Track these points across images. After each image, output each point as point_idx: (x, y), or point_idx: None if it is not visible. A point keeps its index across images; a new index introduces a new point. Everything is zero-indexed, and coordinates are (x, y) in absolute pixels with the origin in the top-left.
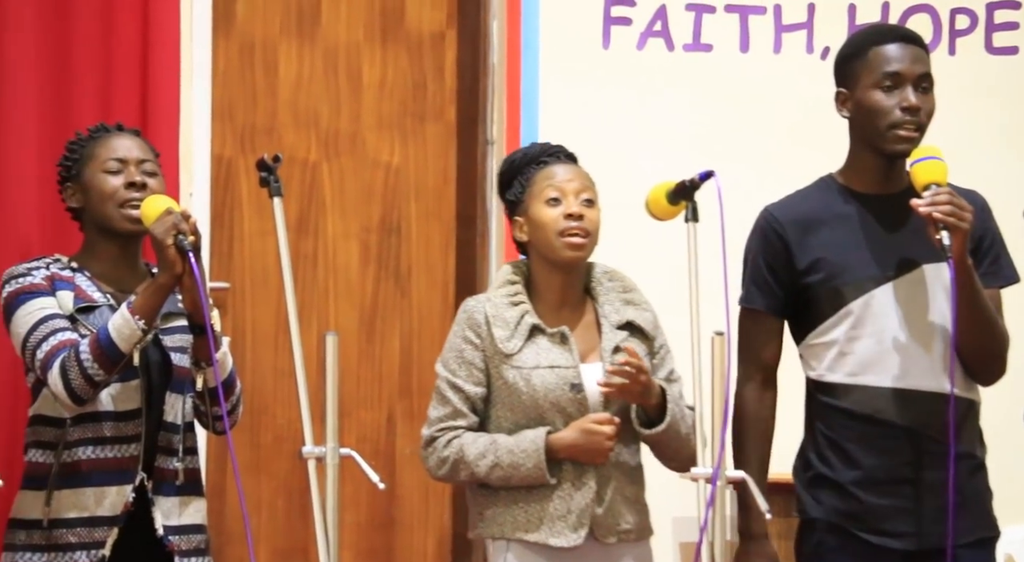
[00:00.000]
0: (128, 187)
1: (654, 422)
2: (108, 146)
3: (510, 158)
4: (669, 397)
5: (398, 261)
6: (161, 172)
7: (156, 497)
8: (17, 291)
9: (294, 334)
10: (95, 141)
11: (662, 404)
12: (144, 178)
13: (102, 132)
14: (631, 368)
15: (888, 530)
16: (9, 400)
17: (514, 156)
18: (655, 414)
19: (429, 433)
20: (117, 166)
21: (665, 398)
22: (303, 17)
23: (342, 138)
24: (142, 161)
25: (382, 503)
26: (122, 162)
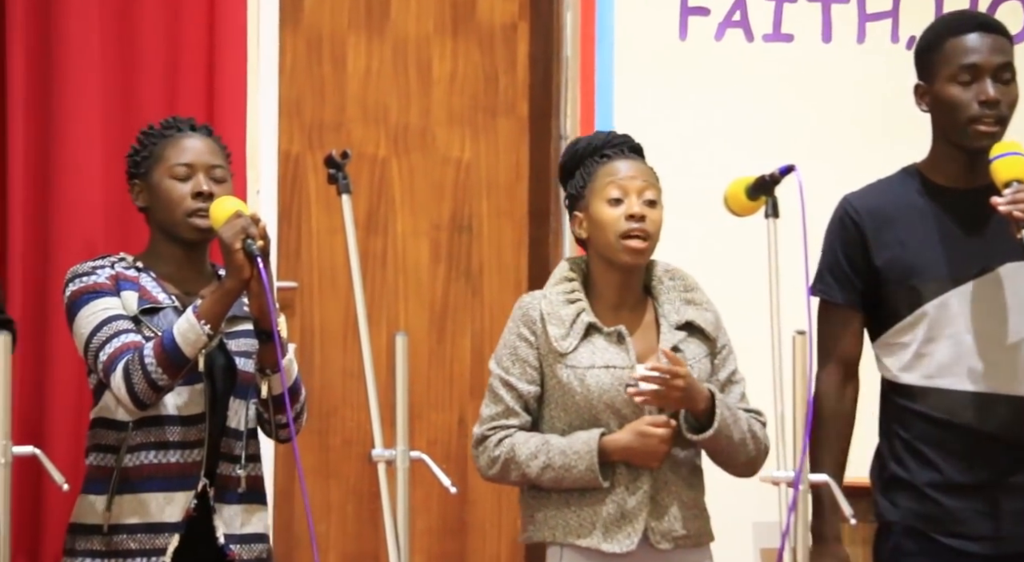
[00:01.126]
0: (195, 197)
1: (703, 427)
2: (178, 148)
3: (572, 146)
4: (719, 401)
5: (469, 259)
6: (231, 175)
7: (218, 504)
8: (81, 290)
9: (363, 334)
10: (165, 140)
11: (712, 408)
12: (212, 186)
13: (173, 130)
14: (663, 374)
15: (967, 533)
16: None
17: (577, 144)
18: (704, 419)
19: (480, 431)
20: (185, 172)
21: (715, 403)
22: (372, 10)
23: (412, 133)
24: (212, 167)
25: (454, 508)
26: (191, 167)
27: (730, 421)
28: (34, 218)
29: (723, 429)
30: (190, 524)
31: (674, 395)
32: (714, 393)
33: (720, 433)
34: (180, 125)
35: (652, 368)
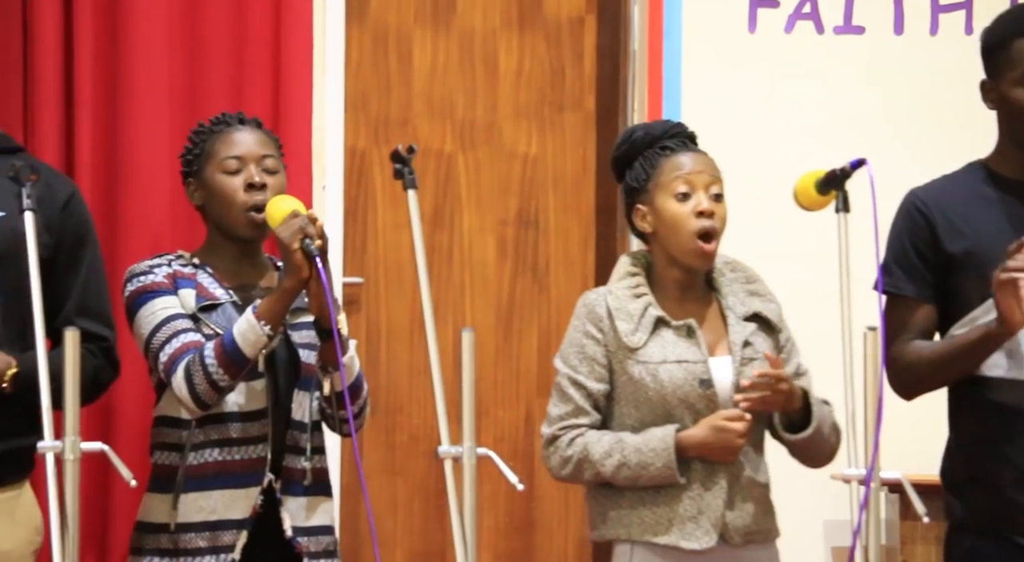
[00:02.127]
0: (248, 189)
1: (798, 426)
2: (228, 142)
3: (629, 135)
4: (813, 400)
5: (536, 255)
6: (284, 166)
7: (284, 497)
8: (139, 290)
9: (429, 331)
10: (215, 136)
11: (806, 406)
12: (264, 177)
13: (222, 125)
14: (769, 379)
15: None
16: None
17: (634, 132)
18: (799, 418)
19: (550, 432)
20: (236, 164)
21: (808, 401)
22: (438, 4)
23: (478, 128)
24: (263, 157)
25: (521, 505)
26: (241, 160)
27: (823, 419)
28: (102, 217)
29: (819, 427)
30: (257, 519)
31: (779, 399)
32: (807, 391)
33: (816, 431)
34: (229, 120)
35: (760, 374)
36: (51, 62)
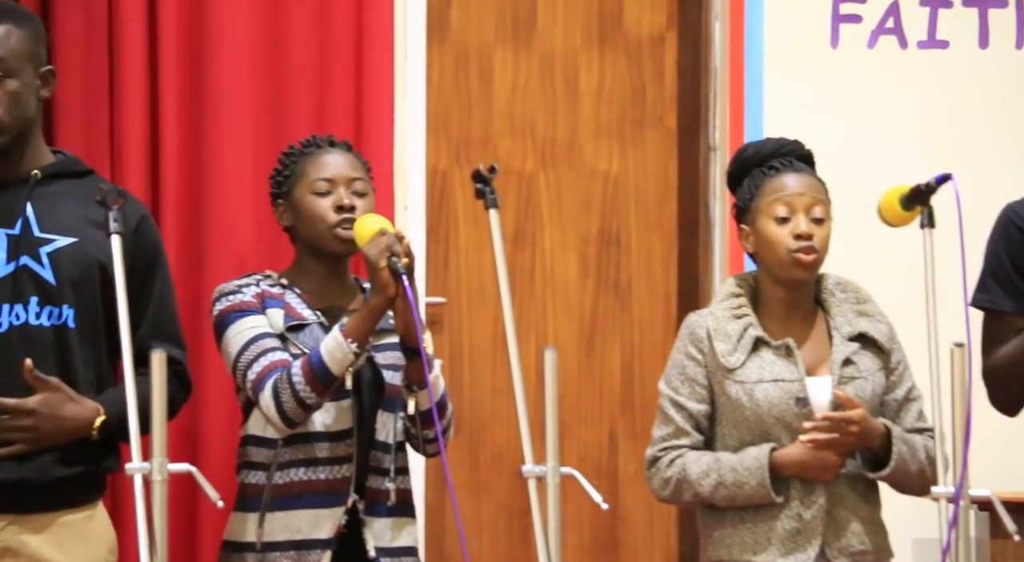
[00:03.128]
0: (338, 210)
1: (879, 463)
2: (318, 164)
3: (741, 154)
4: (895, 438)
5: (618, 273)
6: (372, 189)
7: (368, 518)
8: (228, 309)
9: (512, 349)
10: (306, 158)
11: (888, 443)
12: (353, 199)
13: (313, 147)
14: (833, 422)
15: None
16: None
17: (746, 151)
18: (881, 453)
19: (652, 453)
20: (326, 187)
21: (890, 438)
22: (519, 23)
23: (559, 147)
24: (352, 180)
25: (605, 524)
26: (331, 182)
27: (907, 456)
28: (187, 237)
29: (900, 466)
30: (341, 539)
31: (849, 441)
32: (890, 429)
33: (897, 470)
34: (319, 142)
35: (824, 418)
36: (136, 86)
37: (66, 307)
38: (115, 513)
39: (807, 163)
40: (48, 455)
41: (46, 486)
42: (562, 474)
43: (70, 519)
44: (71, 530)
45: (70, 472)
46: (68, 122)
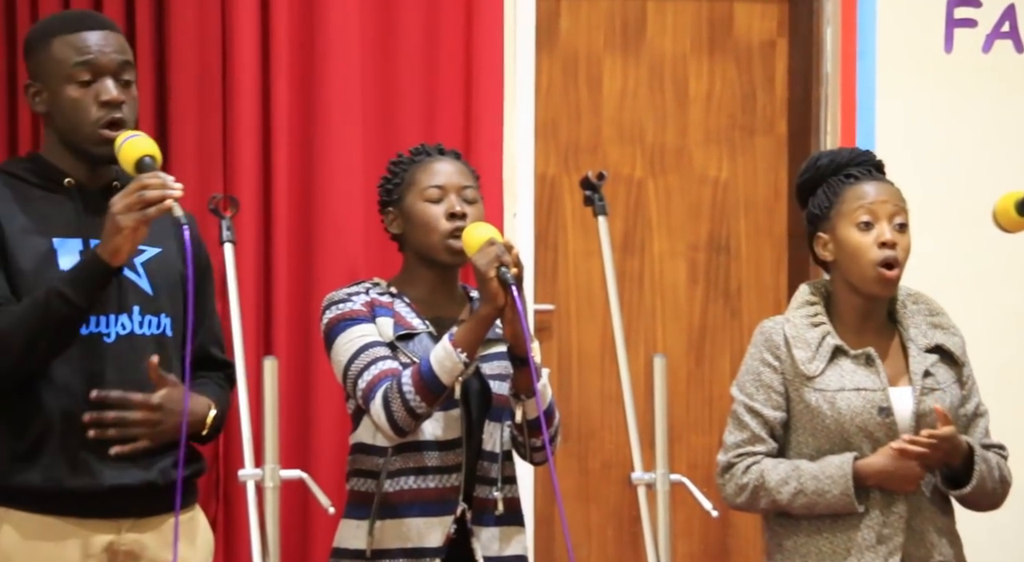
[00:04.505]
0: (449, 217)
1: (959, 481)
2: (429, 171)
3: (815, 162)
4: (977, 457)
5: (727, 280)
6: (481, 196)
7: (476, 527)
8: (338, 318)
9: (621, 357)
10: (416, 165)
11: (969, 461)
12: (464, 207)
13: (423, 155)
14: (934, 440)
15: None
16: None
17: (819, 159)
18: (961, 471)
19: (726, 459)
20: (437, 194)
21: (973, 457)
22: (628, 30)
23: (668, 153)
24: (463, 187)
25: (716, 532)
26: (442, 189)
27: (986, 475)
28: (297, 245)
29: (980, 485)
30: (450, 548)
31: (937, 455)
32: (973, 448)
33: (977, 488)
34: (429, 150)
35: (929, 435)
36: (249, 95)
37: (163, 316)
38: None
39: (881, 173)
40: (168, 458)
41: (167, 488)
42: (672, 481)
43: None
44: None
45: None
46: (182, 131)
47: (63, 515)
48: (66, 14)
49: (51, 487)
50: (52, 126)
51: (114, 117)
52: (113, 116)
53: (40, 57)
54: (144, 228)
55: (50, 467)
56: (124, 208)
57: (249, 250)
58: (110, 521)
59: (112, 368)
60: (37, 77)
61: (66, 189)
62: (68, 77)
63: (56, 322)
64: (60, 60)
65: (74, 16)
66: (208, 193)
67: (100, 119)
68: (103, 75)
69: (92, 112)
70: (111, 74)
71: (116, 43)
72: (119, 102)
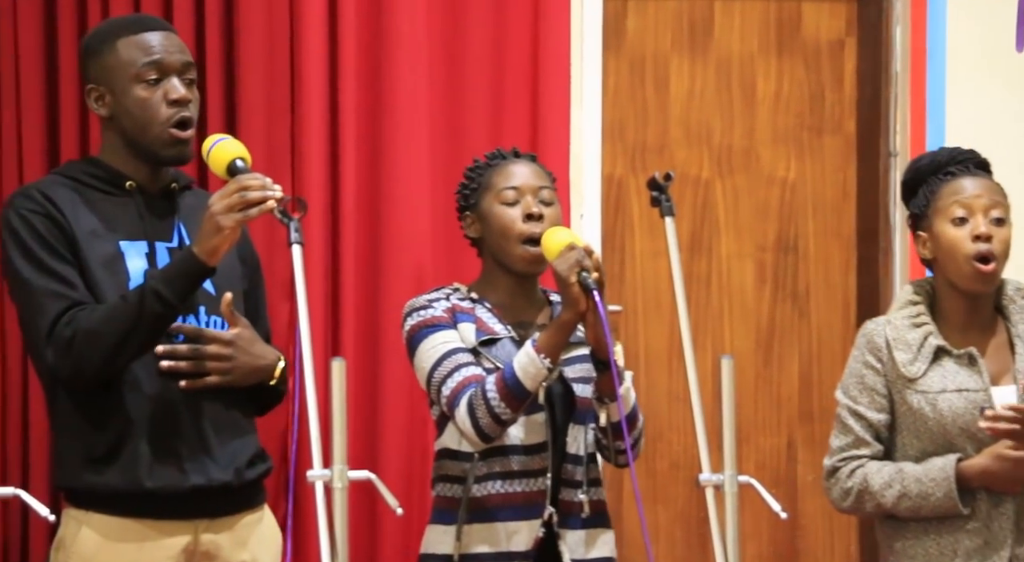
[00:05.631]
0: (526, 219)
1: None
2: (505, 174)
3: (915, 163)
4: None
5: (795, 280)
6: (557, 199)
7: (562, 530)
8: (419, 324)
9: (688, 357)
10: (492, 169)
11: None
12: (541, 208)
13: (498, 159)
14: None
15: None
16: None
17: (920, 161)
18: None
19: (831, 463)
20: (514, 196)
21: None
22: (695, 30)
23: (736, 154)
24: (539, 189)
25: (784, 534)
26: (518, 191)
27: None
28: (364, 249)
29: None
30: (538, 551)
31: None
32: None
33: None
34: (504, 154)
35: (1011, 408)
36: (317, 98)
37: None
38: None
39: (984, 171)
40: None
41: (240, 489)
42: (740, 483)
43: (249, 519)
44: (250, 530)
45: (255, 474)
46: (250, 134)
47: (142, 517)
48: (125, 18)
49: (131, 488)
50: (115, 128)
51: (183, 116)
52: (182, 115)
53: (104, 60)
54: (239, 229)
55: (129, 468)
56: (225, 208)
57: (317, 252)
58: (187, 522)
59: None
60: (100, 80)
61: (127, 192)
62: (136, 77)
63: (150, 320)
64: (127, 61)
65: (134, 19)
66: None
67: (170, 118)
68: (169, 74)
69: (161, 111)
70: (177, 73)
71: (178, 43)
72: (187, 101)
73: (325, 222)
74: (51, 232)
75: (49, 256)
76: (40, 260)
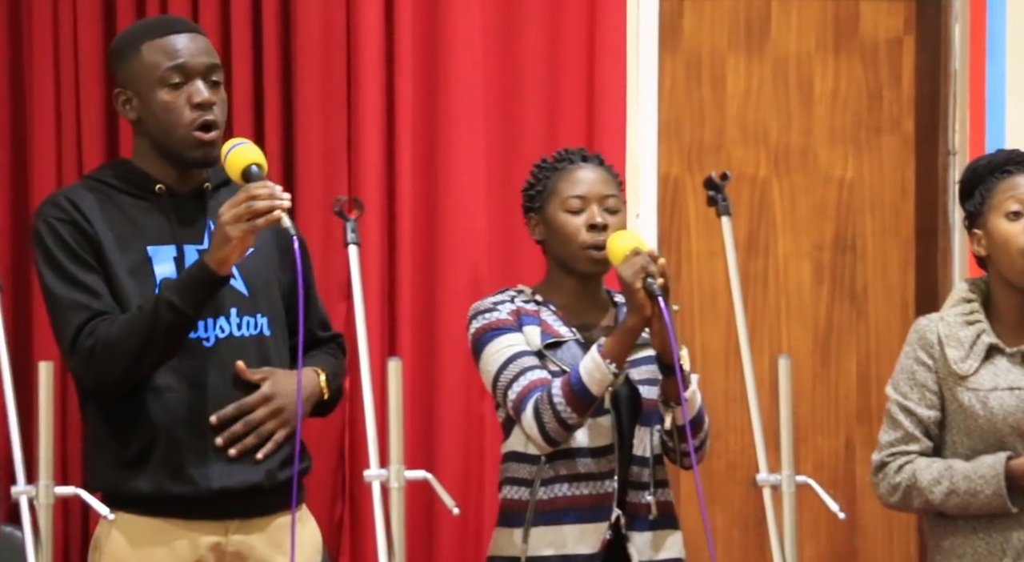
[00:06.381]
0: (589, 229)
1: None
2: (571, 180)
3: (973, 165)
4: None
5: (853, 280)
6: (624, 203)
7: (630, 533)
8: (485, 327)
9: (745, 357)
10: (559, 173)
11: None
12: (606, 218)
13: (566, 162)
14: None
15: None
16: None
17: (978, 162)
18: None
19: (879, 458)
20: (579, 205)
21: None
22: (751, 29)
23: (792, 153)
24: (605, 197)
25: (843, 534)
26: (583, 199)
27: None
28: (421, 249)
29: None
30: (606, 553)
31: None
32: None
33: None
34: (572, 157)
35: None
36: (373, 101)
37: (260, 316)
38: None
39: None
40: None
41: (272, 490)
42: (797, 483)
43: (285, 520)
44: (286, 530)
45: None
46: (307, 134)
47: (170, 517)
48: (152, 20)
49: (158, 493)
50: (143, 132)
51: (206, 119)
52: (205, 118)
53: (129, 64)
54: (252, 237)
55: (157, 474)
56: (232, 219)
57: (373, 252)
58: (216, 522)
59: (214, 371)
60: (127, 84)
61: (157, 195)
62: (159, 80)
63: (165, 330)
64: (150, 65)
65: (160, 21)
66: (333, 195)
67: (193, 121)
68: (193, 77)
69: (185, 114)
70: (201, 76)
71: (204, 46)
72: (211, 104)
73: (382, 222)
74: (76, 240)
75: (74, 265)
76: (65, 270)
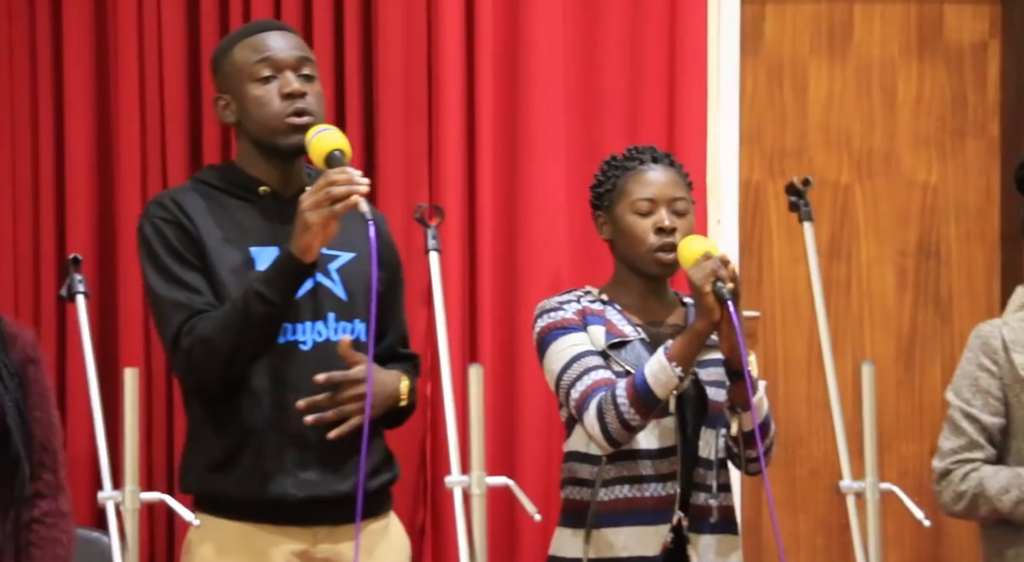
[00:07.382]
0: (657, 232)
1: None
2: (640, 182)
3: None
4: None
5: (937, 286)
6: (693, 204)
7: (692, 535)
8: (550, 326)
9: (828, 364)
10: (628, 173)
11: None
12: (674, 220)
13: (636, 162)
14: None
15: None
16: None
17: None
18: None
19: (943, 466)
20: (647, 207)
21: None
22: (834, 33)
23: (875, 158)
24: (674, 200)
25: (928, 542)
26: (652, 202)
27: None
28: (502, 252)
29: None
30: (667, 556)
31: None
32: None
33: None
34: (641, 156)
35: None
36: (453, 107)
37: (358, 321)
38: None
39: None
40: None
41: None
42: (882, 490)
43: (375, 527)
44: (376, 537)
45: (379, 483)
46: (388, 140)
47: (259, 522)
48: (245, 25)
49: (247, 497)
50: (242, 132)
51: (298, 107)
52: (297, 106)
53: (224, 67)
54: (335, 224)
55: (246, 479)
56: (312, 205)
57: (454, 258)
58: (306, 528)
59: (309, 376)
60: (223, 88)
61: (260, 197)
62: (250, 76)
63: (256, 321)
64: (241, 63)
65: (252, 24)
66: (414, 202)
67: (284, 110)
68: (282, 70)
69: (276, 104)
70: (290, 68)
71: (294, 41)
72: (301, 93)
73: (462, 228)
74: (180, 240)
75: (176, 264)
76: (167, 269)
